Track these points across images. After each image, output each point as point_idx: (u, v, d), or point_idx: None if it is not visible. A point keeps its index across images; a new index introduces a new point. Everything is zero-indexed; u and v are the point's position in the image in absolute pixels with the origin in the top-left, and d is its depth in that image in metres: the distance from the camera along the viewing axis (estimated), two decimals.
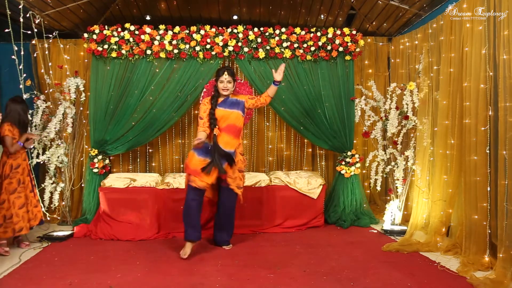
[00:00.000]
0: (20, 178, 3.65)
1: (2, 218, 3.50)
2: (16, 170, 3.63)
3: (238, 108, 3.58)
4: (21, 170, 3.67)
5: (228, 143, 3.50)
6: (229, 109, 3.56)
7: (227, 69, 3.58)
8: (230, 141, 3.51)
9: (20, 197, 3.62)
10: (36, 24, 4.25)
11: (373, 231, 4.23)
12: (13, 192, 3.59)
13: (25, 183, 3.69)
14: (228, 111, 3.55)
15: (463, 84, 3.37)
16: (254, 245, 3.71)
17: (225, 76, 3.54)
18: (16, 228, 3.56)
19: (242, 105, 3.62)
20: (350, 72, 4.69)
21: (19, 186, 3.62)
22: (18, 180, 3.63)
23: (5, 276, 2.97)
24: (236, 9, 4.83)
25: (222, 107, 3.56)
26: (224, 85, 3.55)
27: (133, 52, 4.43)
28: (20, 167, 3.66)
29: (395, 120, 4.18)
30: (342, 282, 2.81)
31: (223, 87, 3.55)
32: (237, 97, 3.66)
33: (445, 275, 2.93)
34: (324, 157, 5.21)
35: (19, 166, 3.66)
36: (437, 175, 3.80)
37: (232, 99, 3.62)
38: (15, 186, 3.60)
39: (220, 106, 3.56)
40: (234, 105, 3.59)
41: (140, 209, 4.08)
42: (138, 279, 2.90)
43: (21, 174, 3.66)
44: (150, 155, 5.03)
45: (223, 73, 3.55)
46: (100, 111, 4.45)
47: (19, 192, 3.62)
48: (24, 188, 3.67)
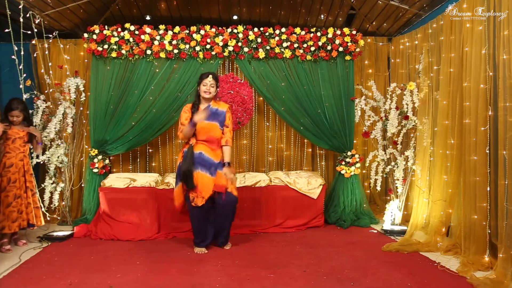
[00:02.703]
0: (11, 177, 3.63)
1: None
2: (8, 169, 3.62)
3: (217, 120, 3.51)
4: (14, 170, 3.65)
5: (210, 152, 3.47)
6: (208, 121, 3.47)
7: (211, 73, 3.54)
8: (212, 151, 3.47)
9: (8, 196, 3.60)
10: (36, 24, 4.24)
11: (373, 231, 4.23)
12: (3, 190, 3.58)
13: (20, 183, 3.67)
14: (206, 123, 3.46)
15: (463, 84, 3.37)
16: (254, 245, 3.71)
17: (209, 79, 3.49)
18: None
19: (222, 116, 3.54)
20: (350, 72, 4.69)
21: (8, 185, 3.61)
22: (9, 178, 3.61)
23: (5, 276, 2.97)
24: (236, 9, 4.83)
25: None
26: (207, 88, 3.48)
27: (133, 52, 4.43)
28: (14, 166, 3.65)
29: (395, 120, 4.18)
30: (342, 282, 2.81)
31: (205, 90, 3.48)
32: (218, 106, 3.57)
33: (445, 275, 2.93)
34: (324, 157, 5.21)
35: (12, 165, 3.64)
36: (437, 175, 3.80)
37: (212, 108, 3.53)
38: (4, 184, 3.59)
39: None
40: (214, 116, 3.51)
41: (140, 209, 4.08)
42: (138, 279, 2.90)
43: (13, 173, 3.64)
44: (150, 155, 5.03)
45: (207, 76, 3.50)
46: (100, 111, 4.45)
47: (8, 191, 3.60)
48: (13, 187, 3.64)
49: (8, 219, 3.59)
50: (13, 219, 3.61)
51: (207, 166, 3.43)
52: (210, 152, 3.47)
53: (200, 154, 3.45)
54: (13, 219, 3.61)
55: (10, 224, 3.60)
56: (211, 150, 3.49)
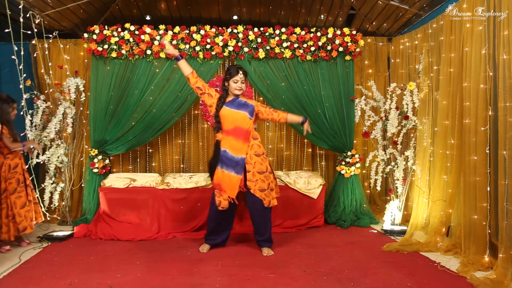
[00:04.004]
0: (20, 178, 3.65)
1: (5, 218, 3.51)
2: (15, 170, 3.63)
3: (246, 110, 3.34)
4: (19, 170, 3.67)
5: (236, 148, 3.30)
6: (235, 110, 3.33)
7: (239, 67, 3.37)
8: (238, 146, 3.30)
9: (21, 197, 3.62)
10: (36, 24, 4.24)
11: (373, 231, 4.22)
12: (13, 192, 3.59)
13: (26, 183, 3.70)
14: (234, 111, 3.32)
15: (463, 84, 3.37)
16: (254, 245, 3.71)
17: (240, 76, 3.32)
18: (20, 228, 3.57)
19: (251, 108, 3.36)
20: (350, 72, 4.69)
21: (18, 186, 3.62)
22: (17, 179, 3.63)
23: (5, 276, 2.97)
24: (236, 9, 4.83)
25: (228, 107, 3.34)
26: (239, 85, 3.33)
27: (133, 52, 4.43)
28: (18, 167, 3.66)
29: (395, 120, 4.18)
30: (342, 282, 2.81)
31: (237, 87, 3.33)
32: (246, 100, 3.43)
33: (445, 275, 2.93)
34: (324, 157, 5.21)
35: (17, 165, 3.66)
36: (437, 175, 3.80)
37: (241, 100, 3.39)
38: (14, 186, 3.60)
39: (226, 105, 3.35)
40: (242, 106, 3.35)
41: (140, 209, 4.09)
42: (138, 279, 2.90)
43: (19, 173, 3.66)
44: (150, 155, 5.03)
45: (237, 72, 3.32)
46: (100, 111, 4.45)
47: (19, 192, 3.63)
48: (23, 187, 3.66)
49: (27, 219, 3.62)
50: (31, 218, 3.65)
51: (232, 165, 3.30)
52: (235, 149, 3.30)
53: (225, 152, 3.31)
54: (31, 218, 3.65)
55: (30, 223, 3.63)
56: (236, 146, 3.31)
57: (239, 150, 3.32)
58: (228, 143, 3.33)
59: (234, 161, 3.30)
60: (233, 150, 3.32)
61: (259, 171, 3.37)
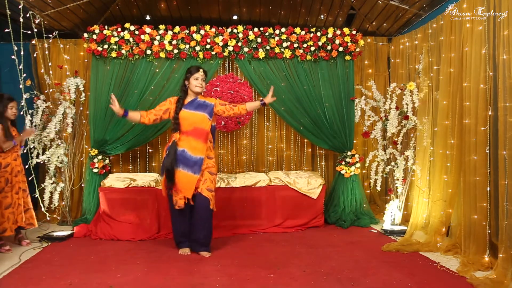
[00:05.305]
0: (9, 177, 3.61)
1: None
2: (5, 169, 3.58)
3: (204, 111, 3.39)
4: (10, 170, 3.62)
5: (196, 148, 3.33)
6: (194, 111, 3.37)
7: (200, 67, 3.45)
8: (198, 146, 3.34)
9: (7, 197, 3.58)
10: (36, 24, 4.25)
11: (373, 231, 4.23)
12: (1, 191, 3.56)
13: (12, 183, 3.63)
14: (193, 113, 3.37)
15: (463, 84, 3.37)
16: (254, 245, 3.71)
17: (201, 73, 3.40)
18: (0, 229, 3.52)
19: (210, 108, 3.42)
20: (350, 72, 4.69)
21: (6, 186, 3.59)
22: (6, 179, 3.59)
23: (5, 276, 2.97)
24: (236, 9, 4.83)
25: (187, 109, 3.38)
26: (199, 82, 3.39)
27: (133, 52, 4.43)
28: (9, 167, 3.62)
29: (395, 120, 4.18)
30: (342, 282, 2.81)
31: (198, 84, 3.38)
32: (205, 99, 3.47)
33: (445, 275, 2.93)
34: (324, 157, 5.21)
35: (8, 165, 3.61)
36: (437, 175, 3.80)
37: (200, 100, 3.44)
38: (2, 185, 3.56)
39: (185, 108, 3.39)
40: (201, 107, 3.41)
41: (140, 209, 4.08)
42: (138, 279, 2.90)
43: (10, 173, 3.62)
44: (150, 155, 5.02)
45: (198, 70, 3.41)
46: (100, 111, 4.45)
47: (6, 192, 3.59)
48: (11, 188, 3.62)
49: (9, 221, 3.57)
50: (13, 221, 3.60)
51: (190, 164, 3.32)
52: (194, 149, 3.33)
53: (183, 152, 3.33)
54: (13, 221, 3.60)
55: (11, 226, 3.59)
56: (196, 146, 3.34)
57: (198, 150, 3.35)
58: (187, 143, 3.35)
59: (192, 161, 3.33)
60: (192, 150, 3.34)
61: (210, 172, 3.42)
